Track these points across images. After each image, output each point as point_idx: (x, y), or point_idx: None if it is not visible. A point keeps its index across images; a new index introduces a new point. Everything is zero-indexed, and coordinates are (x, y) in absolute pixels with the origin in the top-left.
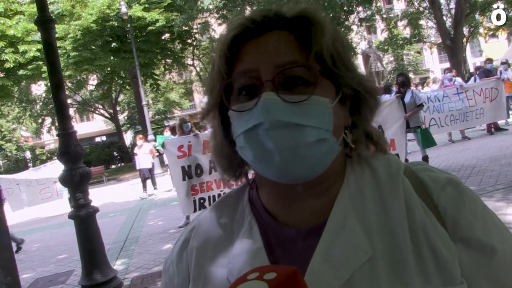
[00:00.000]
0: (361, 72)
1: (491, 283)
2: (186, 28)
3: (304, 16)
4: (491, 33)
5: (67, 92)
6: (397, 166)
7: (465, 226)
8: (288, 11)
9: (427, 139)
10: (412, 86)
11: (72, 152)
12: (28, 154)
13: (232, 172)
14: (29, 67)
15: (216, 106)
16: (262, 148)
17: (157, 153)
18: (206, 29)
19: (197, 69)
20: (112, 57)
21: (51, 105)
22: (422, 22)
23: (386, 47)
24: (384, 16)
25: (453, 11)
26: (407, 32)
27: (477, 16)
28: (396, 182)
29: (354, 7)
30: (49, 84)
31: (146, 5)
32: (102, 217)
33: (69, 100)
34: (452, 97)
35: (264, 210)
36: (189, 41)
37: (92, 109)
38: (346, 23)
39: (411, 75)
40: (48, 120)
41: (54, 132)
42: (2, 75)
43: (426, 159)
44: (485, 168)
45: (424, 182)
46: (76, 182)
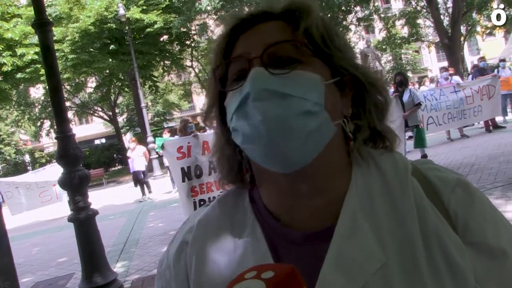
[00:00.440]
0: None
1: (503, 287)
2: (184, 30)
3: (293, 8)
4: (488, 31)
5: (65, 95)
6: (405, 165)
7: (476, 230)
8: (279, 5)
9: (418, 140)
10: (410, 85)
11: (71, 155)
12: (27, 158)
13: (233, 176)
14: (27, 70)
15: (215, 101)
16: (250, 122)
17: (157, 155)
18: (205, 30)
19: (196, 70)
20: (110, 60)
21: (49, 108)
22: (419, 21)
23: (384, 47)
24: (382, 15)
25: (450, 10)
26: (405, 31)
27: (474, 14)
28: (405, 183)
29: (352, 7)
30: (47, 87)
31: (144, 7)
32: (102, 220)
33: (67, 103)
34: (449, 95)
35: (266, 211)
36: (188, 42)
37: (91, 112)
38: (344, 23)
39: (410, 74)
40: (47, 123)
41: (53, 135)
42: (0, 78)
43: (425, 158)
44: (484, 166)
45: (432, 183)
46: (76, 185)
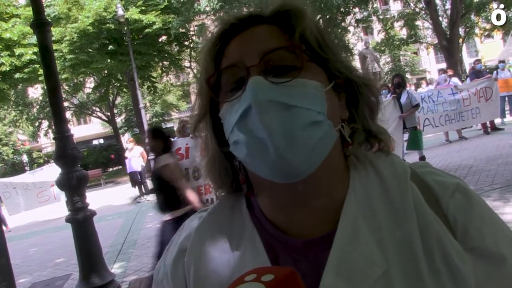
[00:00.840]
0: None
1: None
2: (183, 31)
3: (284, 10)
4: (487, 33)
5: (64, 95)
6: (403, 169)
7: (475, 235)
8: (270, 7)
9: (413, 141)
10: (408, 87)
11: (69, 155)
12: (25, 158)
13: (227, 185)
14: (26, 70)
15: (206, 110)
16: (254, 136)
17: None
18: (203, 31)
19: (194, 71)
20: (109, 60)
21: (48, 108)
22: (418, 23)
23: (383, 48)
24: (381, 17)
25: (449, 12)
26: (403, 33)
27: (472, 16)
28: (404, 188)
29: (351, 8)
30: (45, 87)
31: (143, 8)
32: (99, 220)
33: (66, 103)
34: (447, 98)
35: (265, 218)
36: (186, 43)
37: (89, 112)
38: (343, 24)
39: (408, 75)
40: (45, 124)
41: (51, 135)
42: None
43: (422, 159)
44: (482, 168)
45: (431, 188)
46: (73, 185)
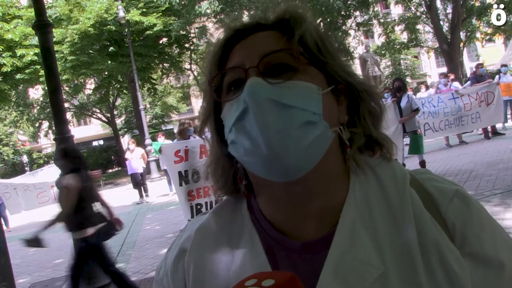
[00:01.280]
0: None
1: None
2: (184, 33)
3: (286, 17)
4: (488, 37)
5: (64, 96)
6: (403, 175)
7: (474, 240)
8: (272, 14)
9: (414, 146)
10: (409, 91)
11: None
12: (25, 158)
13: (228, 188)
14: (27, 71)
15: (211, 112)
16: (250, 135)
17: (154, 157)
18: (204, 33)
19: (195, 73)
20: (109, 61)
21: (48, 109)
22: (419, 26)
23: (383, 52)
24: (382, 20)
25: (450, 16)
26: (404, 37)
27: (474, 20)
28: (403, 194)
29: (352, 11)
30: (46, 88)
31: (144, 10)
32: None
33: (66, 104)
34: (447, 102)
35: (265, 220)
36: (187, 45)
37: (90, 113)
38: (344, 27)
39: (409, 79)
40: (45, 124)
41: (51, 136)
42: None
43: (423, 164)
44: (483, 173)
45: (430, 194)
46: None
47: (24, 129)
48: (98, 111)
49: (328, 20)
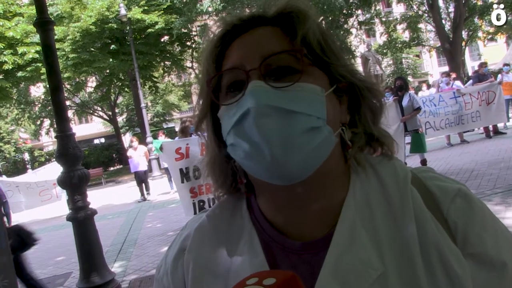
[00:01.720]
0: (359, 70)
1: None
2: (185, 31)
3: (288, 12)
4: (490, 36)
5: (66, 94)
6: (404, 173)
7: (476, 241)
8: (273, 8)
9: (416, 144)
10: (410, 90)
11: (71, 154)
12: (26, 156)
13: (227, 186)
14: (28, 68)
15: (207, 111)
16: (251, 140)
17: (155, 156)
18: (206, 31)
19: (196, 71)
20: (111, 59)
21: (49, 107)
22: (421, 25)
23: (385, 51)
24: (383, 19)
25: (452, 15)
26: (406, 36)
27: (476, 19)
28: (404, 192)
29: (353, 10)
30: (48, 86)
31: (146, 7)
32: (100, 219)
33: (68, 102)
34: (448, 101)
35: (264, 220)
36: (188, 43)
37: (91, 111)
38: (345, 26)
39: (410, 78)
40: (46, 122)
41: (52, 134)
42: (1, 76)
43: (424, 162)
44: (484, 172)
45: (432, 193)
46: (75, 184)
47: (25, 127)
48: (100, 109)
49: (330, 18)
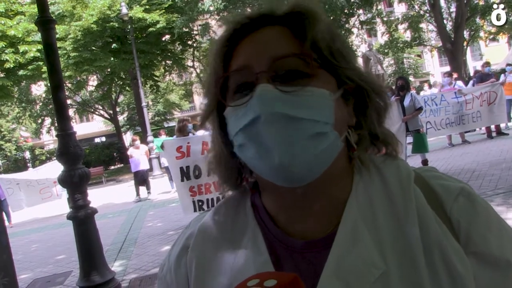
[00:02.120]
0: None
1: None
2: (187, 30)
3: (297, 11)
4: (492, 36)
5: (67, 93)
6: (407, 173)
7: (479, 240)
8: (282, 7)
9: (418, 144)
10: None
11: (71, 152)
12: (27, 154)
13: (232, 182)
14: (29, 67)
15: (213, 108)
16: (260, 144)
17: (155, 155)
18: (207, 30)
19: (197, 70)
20: (112, 58)
21: (51, 106)
22: (422, 25)
23: (386, 50)
24: (385, 19)
25: (453, 15)
26: (407, 35)
27: (477, 19)
28: (407, 191)
29: (355, 10)
30: (49, 85)
31: (147, 7)
32: (100, 218)
33: (69, 101)
34: (450, 101)
35: (268, 218)
36: (190, 42)
37: (92, 110)
38: (347, 26)
39: (411, 78)
40: (47, 121)
41: (53, 132)
42: (2, 75)
43: (425, 163)
44: (485, 172)
45: (435, 192)
46: (75, 183)
47: (26, 125)
48: (101, 107)
49: (331, 18)
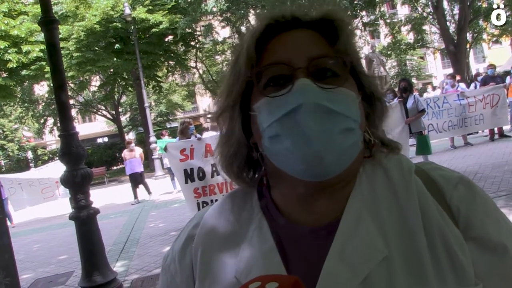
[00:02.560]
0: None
1: (504, 282)
2: (190, 31)
3: (329, 19)
4: (495, 39)
5: (69, 93)
6: (408, 165)
7: (478, 225)
8: (315, 12)
9: (421, 146)
10: (414, 92)
11: (74, 153)
12: (29, 154)
13: (245, 178)
14: (32, 67)
15: (237, 103)
16: (297, 132)
17: (157, 155)
18: (210, 31)
19: (200, 71)
20: (115, 59)
21: (53, 106)
22: (425, 27)
23: (389, 52)
24: (388, 21)
25: (456, 17)
26: (410, 37)
27: (480, 22)
28: (408, 181)
29: (358, 11)
30: (51, 85)
31: (150, 7)
32: (103, 219)
33: (71, 101)
34: (452, 104)
35: (275, 208)
36: (192, 43)
37: (95, 110)
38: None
39: (414, 80)
40: (50, 121)
41: (56, 132)
42: (5, 75)
43: None
44: (488, 175)
45: (436, 181)
46: (78, 183)
47: (29, 125)
48: (103, 108)
49: None
